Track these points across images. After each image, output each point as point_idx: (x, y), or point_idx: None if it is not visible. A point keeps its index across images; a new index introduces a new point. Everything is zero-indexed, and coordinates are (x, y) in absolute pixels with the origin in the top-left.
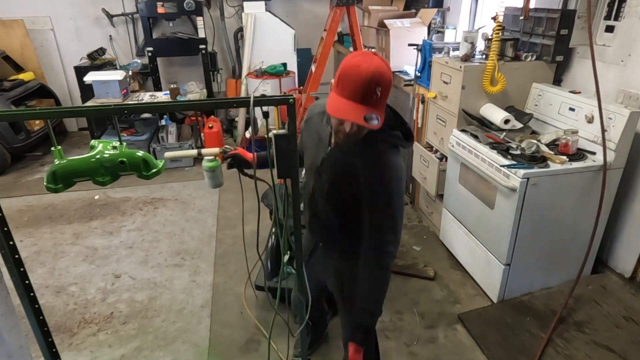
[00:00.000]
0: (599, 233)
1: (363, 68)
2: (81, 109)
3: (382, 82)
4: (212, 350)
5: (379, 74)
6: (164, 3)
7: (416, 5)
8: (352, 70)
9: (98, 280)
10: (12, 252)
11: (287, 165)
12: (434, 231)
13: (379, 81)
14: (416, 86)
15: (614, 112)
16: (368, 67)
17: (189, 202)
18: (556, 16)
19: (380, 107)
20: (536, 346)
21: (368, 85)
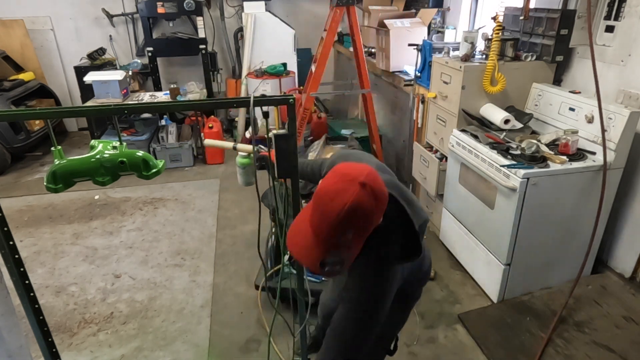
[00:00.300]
0: (599, 233)
1: (336, 204)
2: (81, 109)
3: (357, 224)
4: (212, 350)
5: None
6: (164, 3)
7: (416, 5)
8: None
9: (98, 280)
10: (12, 252)
11: (287, 165)
12: (434, 231)
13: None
14: (416, 86)
15: (614, 112)
16: (342, 204)
17: (189, 202)
18: (556, 16)
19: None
20: (536, 346)
21: (336, 227)
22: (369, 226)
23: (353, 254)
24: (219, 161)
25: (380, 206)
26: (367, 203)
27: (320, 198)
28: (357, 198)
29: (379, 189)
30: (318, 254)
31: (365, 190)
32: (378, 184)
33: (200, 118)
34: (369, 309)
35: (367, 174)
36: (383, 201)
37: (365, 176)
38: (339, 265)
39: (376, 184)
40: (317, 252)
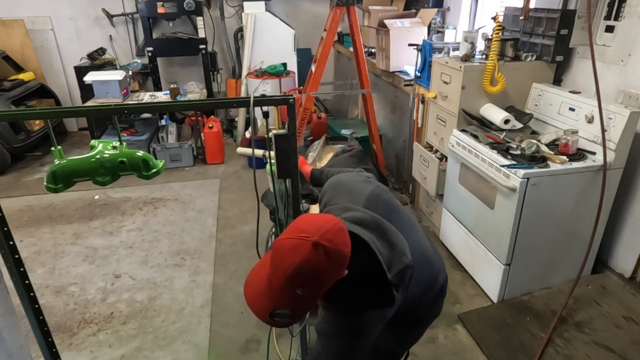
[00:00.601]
0: (599, 233)
1: (286, 261)
2: (81, 109)
3: (305, 284)
4: (212, 350)
5: (301, 276)
6: (164, 3)
7: (416, 5)
8: (278, 253)
9: (98, 280)
10: (12, 252)
11: (287, 165)
12: (434, 231)
13: (299, 284)
14: (416, 86)
15: (614, 112)
16: (291, 263)
17: (189, 202)
18: (556, 16)
19: (302, 304)
20: (536, 346)
21: (285, 283)
22: (322, 284)
23: (306, 308)
24: (219, 161)
25: (335, 266)
26: (317, 264)
27: (274, 251)
28: (306, 258)
29: (333, 249)
30: (268, 304)
31: (317, 251)
32: (334, 244)
33: (200, 118)
34: (342, 351)
35: (324, 232)
36: (339, 260)
37: (320, 235)
38: (289, 319)
39: (332, 244)
40: (268, 302)
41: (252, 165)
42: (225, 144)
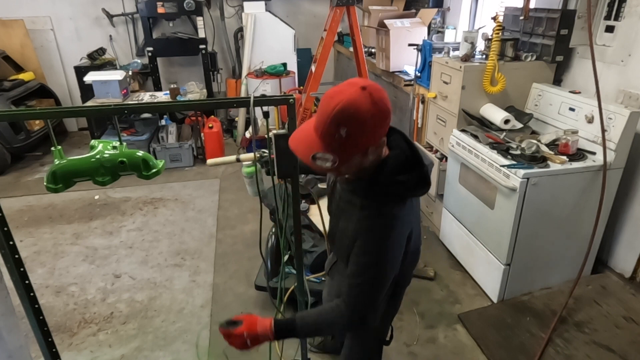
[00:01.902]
0: (599, 233)
1: (334, 100)
2: (81, 109)
3: (350, 124)
4: (212, 350)
5: (347, 114)
6: (164, 3)
7: (416, 5)
8: (325, 99)
9: (98, 280)
10: (12, 252)
11: (287, 165)
12: (434, 231)
13: (344, 122)
14: (416, 86)
15: (614, 112)
16: (339, 100)
17: (189, 202)
18: (556, 16)
19: (344, 150)
20: (536, 346)
21: (330, 122)
22: (364, 130)
23: (345, 156)
24: None
25: (378, 114)
26: (363, 104)
27: (323, 99)
28: (353, 97)
29: (379, 97)
30: (313, 146)
31: (364, 93)
32: (379, 93)
33: (200, 118)
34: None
35: (370, 83)
36: (382, 109)
37: (369, 84)
38: (329, 163)
39: (377, 92)
40: (313, 144)
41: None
42: (225, 144)
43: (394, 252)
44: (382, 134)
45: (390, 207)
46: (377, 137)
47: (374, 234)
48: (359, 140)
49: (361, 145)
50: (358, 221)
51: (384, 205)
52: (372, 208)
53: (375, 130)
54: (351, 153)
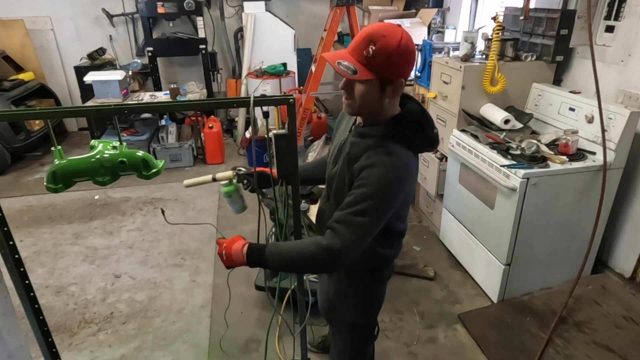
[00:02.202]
0: (599, 233)
1: (371, 26)
2: (81, 109)
3: (379, 42)
4: (212, 350)
5: (379, 34)
6: (164, 3)
7: (416, 5)
8: (364, 28)
9: (98, 280)
10: (12, 252)
11: (287, 165)
12: (434, 231)
13: (375, 39)
14: (416, 86)
15: (614, 112)
16: (374, 25)
17: (189, 202)
18: (556, 16)
19: (367, 67)
20: (536, 346)
21: (363, 39)
22: (389, 57)
23: (366, 73)
24: (219, 161)
25: (405, 48)
26: (395, 35)
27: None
28: (389, 26)
29: (408, 37)
30: (342, 56)
31: (399, 29)
32: (410, 36)
33: (200, 118)
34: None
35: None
36: (409, 47)
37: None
38: (350, 71)
39: (408, 34)
40: (342, 56)
41: (252, 165)
42: (225, 144)
43: (394, 193)
44: (402, 72)
45: (403, 152)
46: (397, 73)
47: (382, 169)
48: (382, 64)
49: (382, 70)
50: (368, 157)
51: (398, 149)
52: (387, 147)
53: (397, 63)
54: (372, 73)
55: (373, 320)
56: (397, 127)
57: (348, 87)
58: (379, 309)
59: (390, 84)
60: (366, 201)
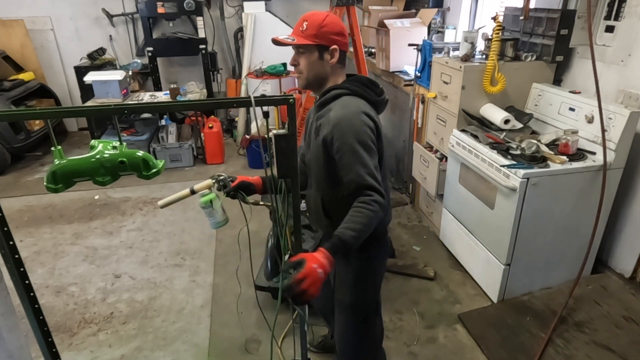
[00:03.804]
0: (599, 233)
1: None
2: (81, 109)
3: (310, 19)
4: (212, 350)
5: (310, 14)
6: (164, 3)
7: (416, 5)
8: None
9: (98, 280)
10: (12, 252)
11: (287, 165)
12: (434, 231)
13: (307, 18)
14: (416, 86)
15: (614, 112)
16: (308, 12)
17: (189, 202)
18: (556, 16)
19: (304, 36)
20: (536, 346)
21: (299, 21)
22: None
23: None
24: (219, 161)
25: (334, 19)
26: (322, 14)
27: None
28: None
29: (335, 18)
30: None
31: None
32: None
33: (200, 118)
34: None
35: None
36: (337, 20)
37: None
38: (290, 39)
39: (335, 17)
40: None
41: (252, 165)
42: (225, 144)
43: (367, 134)
44: (334, 40)
45: (357, 100)
46: (329, 40)
47: (343, 121)
48: (314, 33)
49: (316, 38)
50: (329, 123)
51: (352, 100)
52: (340, 106)
53: (327, 32)
54: (307, 41)
55: (372, 299)
56: (345, 85)
57: (295, 61)
58: (377, 289)
59: (327, 51)
60: (357, 152)
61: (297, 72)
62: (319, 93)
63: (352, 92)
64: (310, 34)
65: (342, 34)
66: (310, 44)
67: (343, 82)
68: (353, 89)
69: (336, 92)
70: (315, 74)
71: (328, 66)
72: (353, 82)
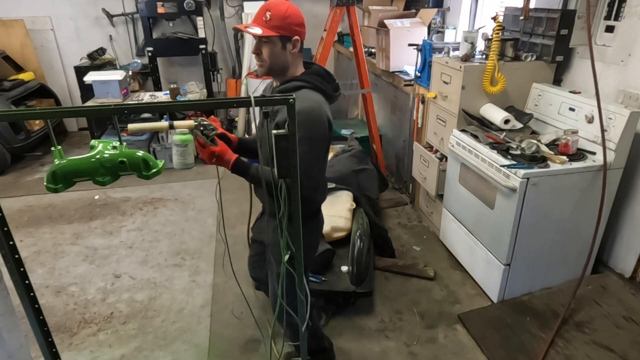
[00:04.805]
0: (599, 233)
1: (267, 1)
2: (81, 109)
3: (273, 9)
4: (212, 350)
5: (271, 4)
6: (164, 3)
7: (416, 5)
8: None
9: (98, 280)
10: (12, 252)
11: (287, 165)
12: (434, 231)
13: (269, 8)
14: (416, 86)
15: (614, 112)
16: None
17: (189, 202)
18: (556, 16)
19: (269, 27)
20: (536, 346)
21: (260, 10)
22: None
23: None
24: None
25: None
26: (284, 4)
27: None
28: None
29: (295, 8)
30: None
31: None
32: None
33: None
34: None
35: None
36: (297, 12)
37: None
38: (254, 30)
39: (295, 8)
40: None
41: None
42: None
43: (321, 127)
44: (296, 31)
45: (316, 95)
46: (292, 31)
47: (303, 114)
48: (278, 24)
49: (279, 29)
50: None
51: (311, 94)
52: (301, 99)
53: (290, 22)
54: (272, 32)
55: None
56: (307, 78)
57: (258, 50)
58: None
59: (289, 42)
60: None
61: (259, 60)
62: (279, 80)
63: (313, 86)
64: (275, 25)
65: (303, 25)
66: (275, 35)
67: (304, 75)
68: (314, 84)
69: (297, 84)
70: (277, 63)
71: (289, 55)
72: (313, 76)
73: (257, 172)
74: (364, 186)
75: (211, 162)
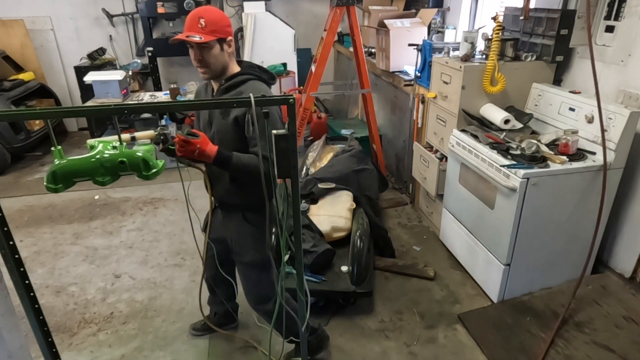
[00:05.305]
0: (599, 233)
1: (194, 9)
2: (81, 109)
3: (205, 16)
4: (212, 350)
5: (203, 10)
6: (164, 3)
7: (416, 5)
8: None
9: (98, 280)
10: (12, 252)
11: (287, 165)
12: (434, 231)
13: (201, 15)
14: (416, 86)
15: (614, 112)
16: (198, 8)
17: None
18: (556, 16)
19: (205, 32)
20: (536, 346)
21: (192, 18)
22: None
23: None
24: None
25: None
26: (213, 8)
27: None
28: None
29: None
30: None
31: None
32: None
33: None
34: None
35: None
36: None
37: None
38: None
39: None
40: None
41: None
42: None
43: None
44: (228, 31)
45: (262, 87)
46: (226, 32)
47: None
48: (214, 29)
49: (216, 33)
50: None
51: (258, 84)
52: (252, 89)
53: (223, 25)
54: (211, 37)
55: (266, 255)
56: (249, 71)
57: (200, 57)
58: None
59: (225, 42)
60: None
61: (202, 67)
62: (221, 80)
63: (256, 76)
64: (212, 30)
65: (230, 25)
66: (214, 39)
67: (244, 69)
68: (256, 74)
69: (243, 77)
70: (219, 65)
71: (227, 55)
72: (253, 68)
73: (238, 160)
74: (364, 186)
75: (193, 156)
